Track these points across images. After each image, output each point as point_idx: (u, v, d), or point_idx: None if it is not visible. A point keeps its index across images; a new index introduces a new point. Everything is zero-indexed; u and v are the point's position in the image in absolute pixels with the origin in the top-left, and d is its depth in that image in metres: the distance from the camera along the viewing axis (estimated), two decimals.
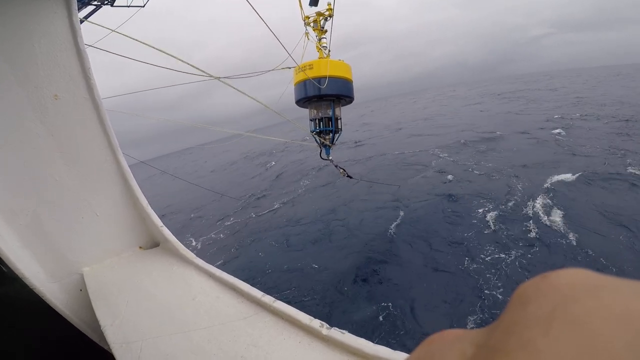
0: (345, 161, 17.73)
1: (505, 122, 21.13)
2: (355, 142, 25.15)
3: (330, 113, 6.13)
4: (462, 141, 17.68)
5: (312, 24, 6.20)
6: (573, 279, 0.19)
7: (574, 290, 0.18)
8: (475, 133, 19.02)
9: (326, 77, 5.57)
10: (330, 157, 6.37)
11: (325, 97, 5.79)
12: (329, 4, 6.05)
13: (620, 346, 0.15)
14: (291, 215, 11.81)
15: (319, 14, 6.13)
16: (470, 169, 12.58)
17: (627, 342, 0.15)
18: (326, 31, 6.23)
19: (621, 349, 0.15)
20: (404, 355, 0.90)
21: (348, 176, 6.81)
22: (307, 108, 6.37)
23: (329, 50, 6.13)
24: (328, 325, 1.08)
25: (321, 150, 6.36)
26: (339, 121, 6.33)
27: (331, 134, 6.22)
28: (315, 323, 1.11)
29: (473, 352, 0.20)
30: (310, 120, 6.33)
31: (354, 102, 6.42)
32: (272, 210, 13.10)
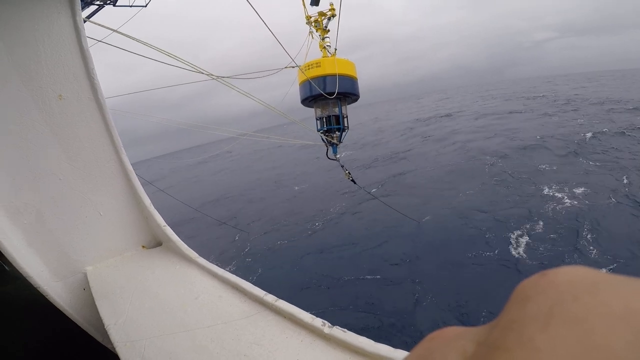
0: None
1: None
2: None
3: (337, 111, 6.11)
4: None
5: (313, 24, 6.22)
6: (572, 276, 0.19)
7: (573, 287, 0.18)
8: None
9: (335, 75, 5.57)
10: (338, 156, 6.36)
11: (332, 95, 5.76)
12: (331, 4, 6.07)
13: (620, 344, 0.15)
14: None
15: (320, 13, 6.15)
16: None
17: (626, 341, 0.15)
18: (329, 31, 6.25)
19: (620, 347, 0.15)
20: (405, 353, 0.90)
21: (352, 180, 6.76)
22: (312, 107, 6.38)
23: (335, 49, 6.14)
24: (330, 324, 1.09)
25: (328, 149, 6.36)
26: (346, 119, 6.32)
27: (339, 132, 6.22)
28: (317, 322, 1.11)
29: (473, 349, 0.21)
30: (317, 119, 6.32)
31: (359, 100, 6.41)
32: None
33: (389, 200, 11.31)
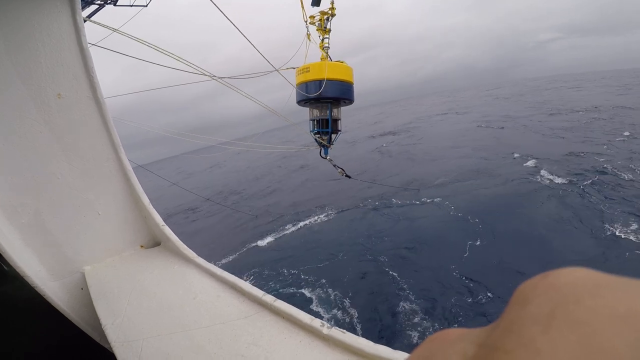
0: None
1: None
2: None
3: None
4: None
5: (317, 24, 6.26)
6: (574, 278, 0.19)
7: (575, 289, 0.18)
8: None
9: (323, 80, 5.66)
10: (329, 157, 6.49)
11: (322, 99, 5.89)
12: (331, 3, 6.09)
13: (623, 347, 0.15)
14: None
15: (322, 13, 6.17)
16: None
17: (629, 343, 0.15)
18: (330, 31, 6.27)
19: (623, 350, 0.15)
20: (404, 354, 0.89)
21: (347, 176, 6.91)
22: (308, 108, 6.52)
23: (328, 48, 6.23)
24: (329, 325, 1.08)
25: (321, 150, 6.49)
26: (339, 122, 6.45)
27: (329, 135, 6.34)
28: (316, 322, 1.10)
29: (474, 351, 0.20)
30: (310, 120, 6.47)
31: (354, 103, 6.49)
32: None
33: None
